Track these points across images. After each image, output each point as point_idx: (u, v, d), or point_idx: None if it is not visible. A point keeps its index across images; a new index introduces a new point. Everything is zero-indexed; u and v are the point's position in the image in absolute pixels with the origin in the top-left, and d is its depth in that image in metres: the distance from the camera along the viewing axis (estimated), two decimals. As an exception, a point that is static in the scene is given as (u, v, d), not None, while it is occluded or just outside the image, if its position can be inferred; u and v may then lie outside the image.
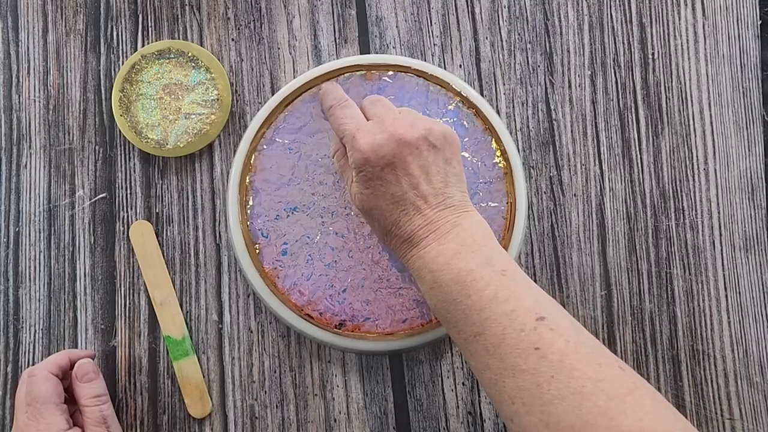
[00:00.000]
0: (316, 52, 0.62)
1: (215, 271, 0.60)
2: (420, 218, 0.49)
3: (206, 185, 0.61)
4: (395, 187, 0.49)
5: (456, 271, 0.46)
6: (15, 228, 0.61)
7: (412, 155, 0.49)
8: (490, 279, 0.46)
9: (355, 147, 0.50)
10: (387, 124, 0.50)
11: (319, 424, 0.59)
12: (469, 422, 0.59)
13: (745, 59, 0.62)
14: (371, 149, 0.49)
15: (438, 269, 0.47)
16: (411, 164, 0.49)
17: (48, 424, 0.51)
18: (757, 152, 0.61)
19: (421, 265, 0.48)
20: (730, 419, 0.59)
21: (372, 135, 0.50)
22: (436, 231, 0.49)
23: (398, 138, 0.49)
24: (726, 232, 0.60)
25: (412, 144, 0.49)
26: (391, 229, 0.50)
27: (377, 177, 0.49)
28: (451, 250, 0.47)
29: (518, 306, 0.44)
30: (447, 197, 0.50)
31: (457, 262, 0.47)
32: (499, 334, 0.44)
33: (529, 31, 0.62)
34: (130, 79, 0.61)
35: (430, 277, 0.48)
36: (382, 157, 0.49)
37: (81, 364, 0.55)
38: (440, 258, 0.47)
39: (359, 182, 0.50)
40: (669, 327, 0.60)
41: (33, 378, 0.53)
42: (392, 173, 0.49)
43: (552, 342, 0.43)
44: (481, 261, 0.47)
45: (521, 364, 0.42)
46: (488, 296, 0.45)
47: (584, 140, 0.61)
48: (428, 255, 0.48)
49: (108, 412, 0.55)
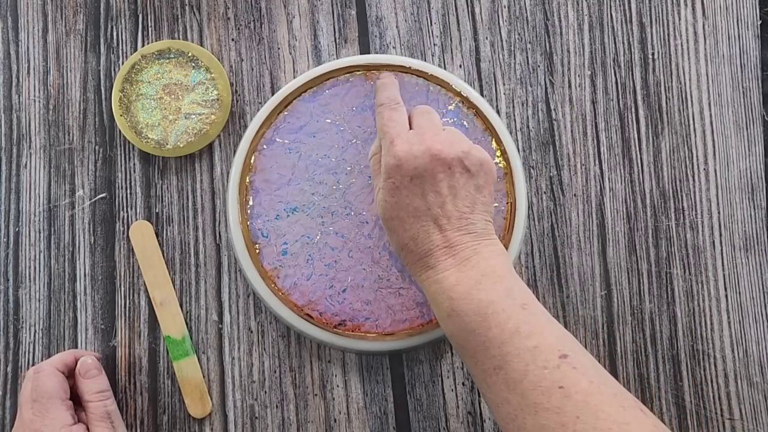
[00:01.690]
0: (316, 52, 0.62)
1: (215, 271, 0.60)
2: (440, 238, 0.49)
3: (206, 185, 0.61)
4: (420, 201, 0.49)
5: (476, 302, 0.46)
6: (15, 228, 0.61)
7: (444, 173, 0.49)
8: (512, 312, 0.45)
9: (391, 152, 0.50)
10: (427, 137, 0.50)
11: (319, 424, 0.59)
12: (469, 422, 0.59)
13: (745, 59, 0.62)
14: (405, 158, 0.49)
15: (457, 298, 0.47)
16: (441, 182, 0.49)
17: (54, 419, 0.52)
18: (757, 152, 0.61)
19: (438, 290, 0.48)
20: (730, 419, 0.59)
21: (410, 144, 0.50)
22: (455, 256, 0.48)
23: (434, 153, 0.49)
24: (726, 232, 0.60)
25: (447, 163, 0.49)
26: (408, 243, 0.50)
27: (404, 187, 0.49)
28: (472, 279, 0.47)
29: (541, 342, 0.44)
30: (470, 223, 0.49)
31: (478, 293, 0.46)
32: (521, 369, 0.44)
33: (529, 31, 0.62)
34: (130, 79, 0.61)
35: (449, 305, 0.47)
36: (414, 168, 0.49)
37: (84, 360, 0.56)
38: (460, 287, 0.47)
39: (385, 189, 0.50)
40: (669, 327, 0.60)
41: (39, 374, 0.54)
42: (420, 187, 0.49)
43: (576, 381, 0.42)
44: (503, 293, 0.46)
45: (544, 402, 0.42)
46: (510, 330, 0.45)
47: (584, 140, 0.61)
48: (446, 281, 0.48)
49: (112, 407, 0.55)
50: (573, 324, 0.60)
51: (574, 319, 0.60)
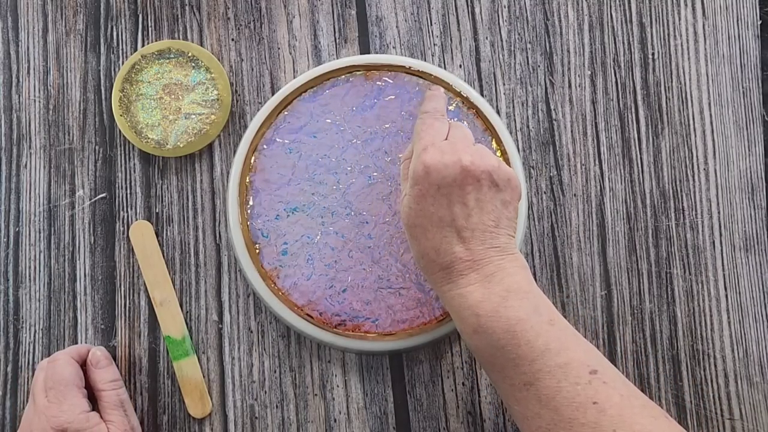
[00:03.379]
0: (316, 52, 0.62)
1: (215, 271, 0.60)
2: (462, 250, 0.49)
3: (206, 185, 0.61)
4: (445, 211, 0.49)
5: (505, 320, 0.46)
6: (15, 228, 0.61)
7: (472, 186, 0.49)
8: (540, 329, 0.46)
9: (422, 158, 0.50)
10: (459, 148, 0.50)
11: (319, 424, 0.59)
12: (469, 422, 0.59)
13: (745, 59, 0.62)
14: (435, 166, 0.49)
15: (484, 314, 0.47)
16: (469, 194, 0.49)
17: (72, 405, 0.53)
18: (757, 152, 0.61)
19: (463, 304, 0.48)
20: (730, 419, 0.59)
21: (441, 153, 0.50)
22: (478, 270, 0.48)
23: (465, 165, 0.49)
24: (726, 232, 0.60)
25: (476, 175, 0.49)
26: (429, 252, 0.50)
27: (431, 196, 0.49)
28: (498, 296, 0.47)
29: (571, 358, 0.45)
30: (495, 237, 0.49)
31: (506, 311, 0.47)
32: (554, 386, 0.45)
33: (529, 31, 0.62)
34: (130, 79, 0.61)
35: (475, 321, 0.47)
36: (443, 178, 0.49)
37: (95, 352, 0.57)
38: (486, 303, 0.47)
39: (411, 196, 0.50)
40: (669, 327, 0.60)
41: (55, 362, 0.55)
42: (446, 197, 0.49)
43: (609, 396, 0.44)
44: (530, 310, 0.47)
45: (580, 418, 0.44)
46: (540, 348, 0.46)
47: (584, 140, 0.61)
48: (472, 297, 0.48)
49: (124, 396, 0.57)
50: (573, 324, 0.60)
51: (574, 319, 0.60)
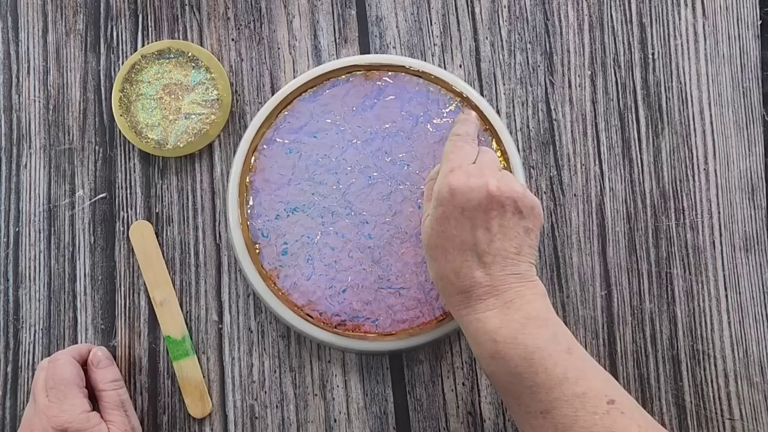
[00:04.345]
0: (316, 52, 0.62)
1: (215, 271, 0.60)
2: (482, 275, 0.49)
3: (206, 185, 0.61)
4: (468, 234, 0.49)
5: (523, 347, 0.47)
6: (15, 228, 0.61)
7: (496, 211, 0.49)
8: (558, 358, 0.46)
9: (448, 179, 0.50)
10: (486, 172, 0.50)
11: (319, 424, 0.59)
12: (469, 422, 0.59)
13: (745, 59, 0.62)
14: (460, 188, 0.49)
15: (502, 341, 0.47)
16: (492, 219, 0.49)
17: (72, 405, 0.53)
18: (757, 152, 0.61)
19: (480, 330, 0.48)
20: (730, 419, 0.59)
21: (468, 176, 0.50)
22: (498, 296, 0.48)
23: (491, 190, 0.49)
24: (726, 232, 0.60)
25: (501, 201, 0.49)
26: (449, 275, 0.50)
27: (454, 218, 0.49)
28: (516, 323, 0.47)
29: (589, 388, 0.46)
30: (516, 264, 0.49)
31: (524, 338, 0.47)
32: (572, 415, 0.45)
33: (529, 31, 0.62)
34: (130, 79, 0.61)
35: (492, 347, 0.47)
36: (468, 201, 0.49)
37: (95, 352, 0.57)
38: (504, 330, 0.47)
39: (434, 217, 0.50)
40: (669, 327, 0.60)
41: (56, 362, 0.55)
42: (470, 220, 0.49)
43: (626, 427, 0.44)
44: (548, 338, 0.47)
45: None
46: (558, 376, 0.46)
47: (584, 140, 0.61)
48: (490, 322, 0.48)
49: (125, 396, 0.56)
50: (573, 324, 0.60)
51: (574, 319, 0.60)
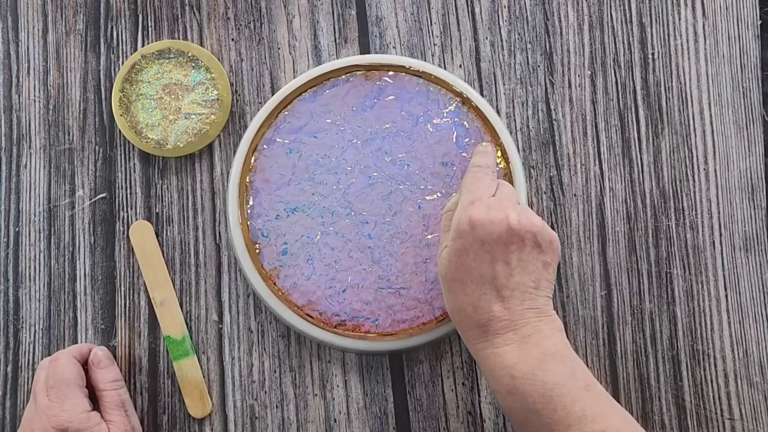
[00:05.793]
0: (316, 52, 0.62)
1: (215, 271, 0.60)
2: (500, 309, 0.49)
3: (206, 185, 0.61)
4: (487, 268, 0.49)
5: (541, 384, 0.47)
6: (15, 228, 0.61)
7: (516, 245, 0.49)
8: (576, 395, 0.46)
9: (468, 211, 0.50)
10: (506, 206, 0.50)
11: (319, 424, 0.59)
12: (469, 422, 0.59)
13: (745, 59, 0.62)
14: (481, 221, 0.49)
15: (520, 377, 0.47)
16: (512, 253, 0.49)
17: (73, 405, 0.53)
18: (757, 152, 0.61)
19: (498, 364, 0.48)
20: (730, 419, 0.59)
21: (488, 209, 0.49)
22: (516, 330, 0.48)
23: (511, 224, 0.49)
24: (726, 232, 0.60)
25: (521, 235, 0.49)
26: (466, 308, 0.49)
27: (474, 251, 0.49)
28: (534, 359, 0.47)
29: (607, 425, 0.46)
30: (534, 298, 0.49)
31: (543, 375, 0.47)
32: None
33: (529, 31, 0.62)
34: (130, 79, 0.61)
35: (510, 382, 0.47)
36: (488, 234, 0.49)
37: (96, 352, 0.57)
38: (522, 365, 0.47)
39: (452, 249, 0.50)
40: (669, 327, 0.60)
41: (57, 362, 0.55)
42: (489, 254, 0.49)
43: None
44: (567, 375, 0.47)
45: None
46: (576, 414, 0.46)
47: (584, 140, 0.61)
48: (508, 357, 0.48)
49: (125, 396, 0.57)
50: (573, 324, 0.60)
51: (574, 319, 0.60)
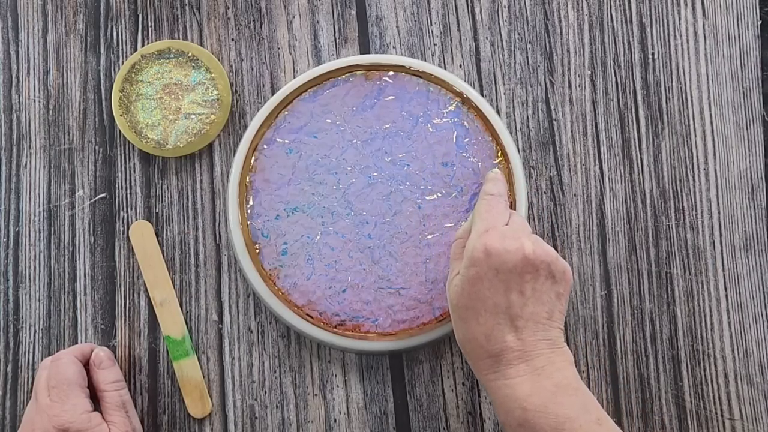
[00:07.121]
0: (316, 52, 0.62)
1: (215, 271, 0.60)
2: (513, 340, 0.48)
3: (206, 185, 0.61)
4: (501, 297, 0.48)
5: (553, 417, 0.46)
6: (15, 228, 0.61)
7: (531, 275, 0.48)
8: (589, 429, 0.46)
9: (482, 239, 0.49)
10: (521, 235, 0.49)
11: (319, 424, 0.59)
12: (469, 422, 0.59)
13: (745, 59, 0.62)
14: (496, 249, 0.48)
15: (532, 409, 0.47)
16: (526, 283, 0.48)
17: (74, 405, 0.53)
18: (757, 152, 0.61)
19: (510, 396, 0.48)
20: (730, 419, 0.59)
21: (503, 237, 0.49)
22: (528, 361, 0.48)
23: (527, 253, 0.48)
24: (726, 232, 0.60)
25: (535, 265, 0.48)
26: (479, 338, 0.49)
27: (488, 279, 0.48)
28: (547, 391, 0.47)
29: None
30: (547, 329, 0.49)
31: (555, 408, 0.46)
32: None
33: (529, 31, 0.62)
34: (130, 79, 0.61)
35: (521, 415, 0.47)
36: (503, 263, 0.48)
37: (98, 353, 0.57)
38: (534, 398, 0.47)
39: (465, 277, 0.49)
40: (669, 327, 0.60)
41: (59, 362, 0.55)
42: (504, 283, 0.48)
43: None
44: (579, 408, 0.47)
45: None
46: None
47: (584, 140, 0.61)
48: (520, 389, 0.47)
49: (126, 397, 0.57)
50: (573, 324, 0.60)
51: (574, 319, 0.60)
